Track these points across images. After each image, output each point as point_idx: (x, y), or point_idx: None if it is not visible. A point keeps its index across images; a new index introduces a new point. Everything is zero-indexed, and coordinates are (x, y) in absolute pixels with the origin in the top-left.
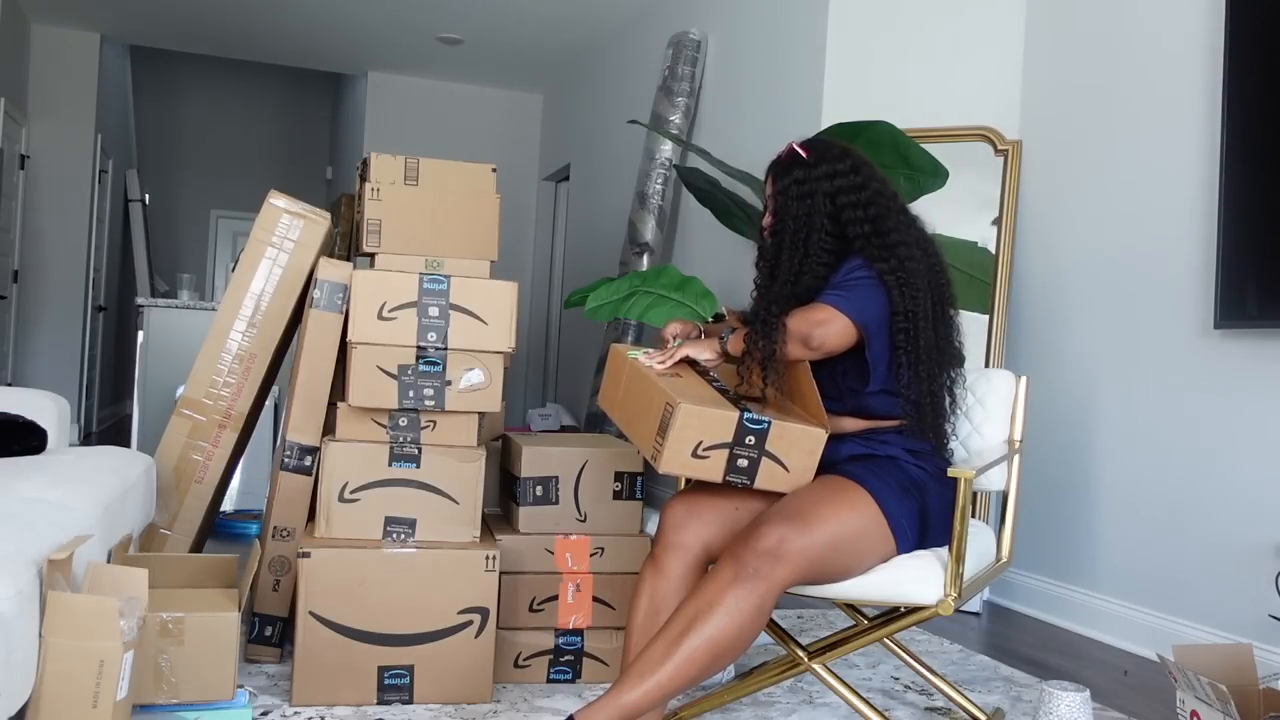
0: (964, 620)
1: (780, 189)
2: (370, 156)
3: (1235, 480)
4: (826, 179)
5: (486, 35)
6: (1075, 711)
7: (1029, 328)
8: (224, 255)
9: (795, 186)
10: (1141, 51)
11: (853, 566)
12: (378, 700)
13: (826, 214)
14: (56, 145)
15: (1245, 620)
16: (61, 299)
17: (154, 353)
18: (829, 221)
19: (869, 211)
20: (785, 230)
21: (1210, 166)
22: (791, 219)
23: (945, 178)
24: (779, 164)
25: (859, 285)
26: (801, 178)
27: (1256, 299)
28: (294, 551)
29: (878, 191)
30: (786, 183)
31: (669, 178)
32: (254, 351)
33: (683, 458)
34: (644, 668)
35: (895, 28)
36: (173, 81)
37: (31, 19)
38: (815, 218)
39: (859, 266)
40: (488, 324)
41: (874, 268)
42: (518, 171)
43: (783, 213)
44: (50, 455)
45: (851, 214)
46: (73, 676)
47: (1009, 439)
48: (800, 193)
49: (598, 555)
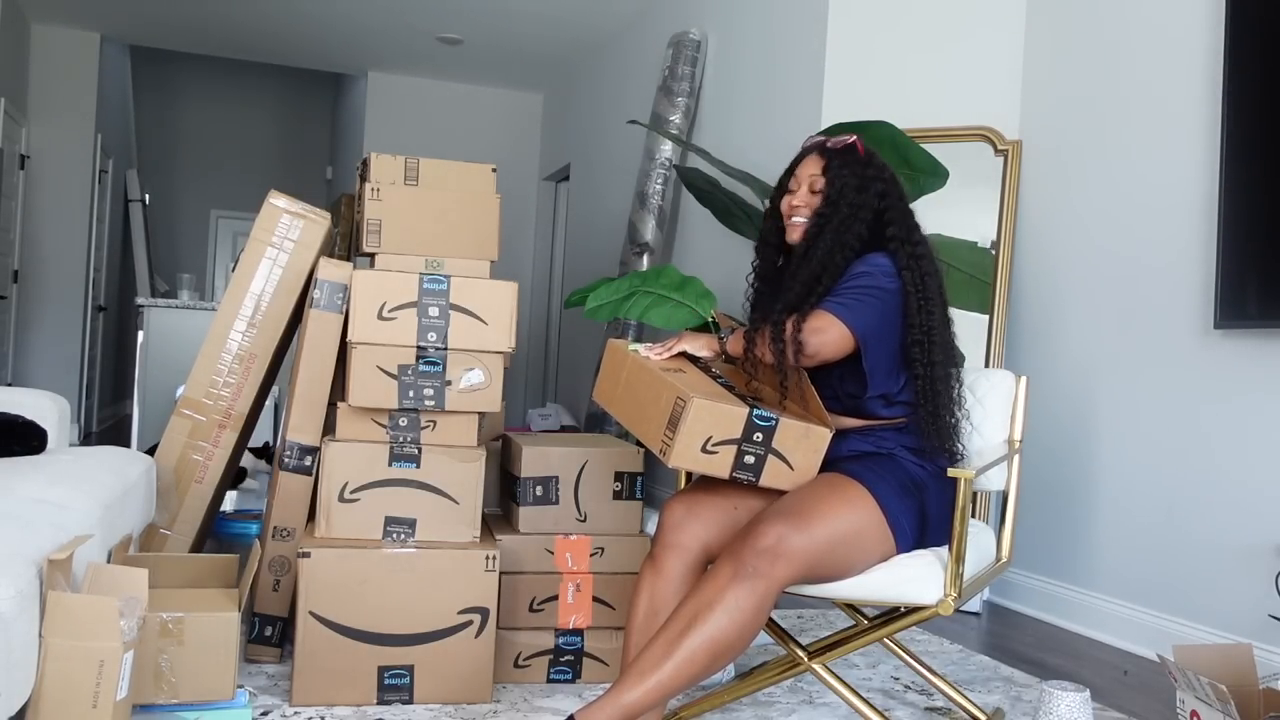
0: (964, 620)
1: (837, 174)
2: (370, 156)
3: (1235, 480)
4: (879, 181)
5: (486, 35)
6: (1075, 711)
7: (1029, 328)
8: (224, 255)
9: (854, 179)
10: (1142, 51)
11: (852, 565)
12: (378, 700)
13: (873, 210)
14: (56, 145)
15: (1245, 620)
16: (61, 299)
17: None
18: (870, 219)
19: (906, 220)
20: (836, 214)
21: (1210, 166)
22: (846, 205)
23: (945, 178)
24: (836, 150)
25: (865, 294)
26: (860, 173)
27: (1256, 299)
28: (294, 551)
29: (909, 208)
30: (845, 172)
31: (669, 178)
32: (254, 351)
33: (692, 453)
34: (644, 667)
35: (895, 28)
36: (173, 81)
37: (31, 19)
38: (864, 211)
39: (878, 273)
40: (488, 324)
41: (900, 275)
42: (518, 171)
43: (838, 198)
44: (50, 455)
45: (893, 218)
46: (73, 676)
47: (1009, 439)
48: (858, 185)
49: (598, 555)
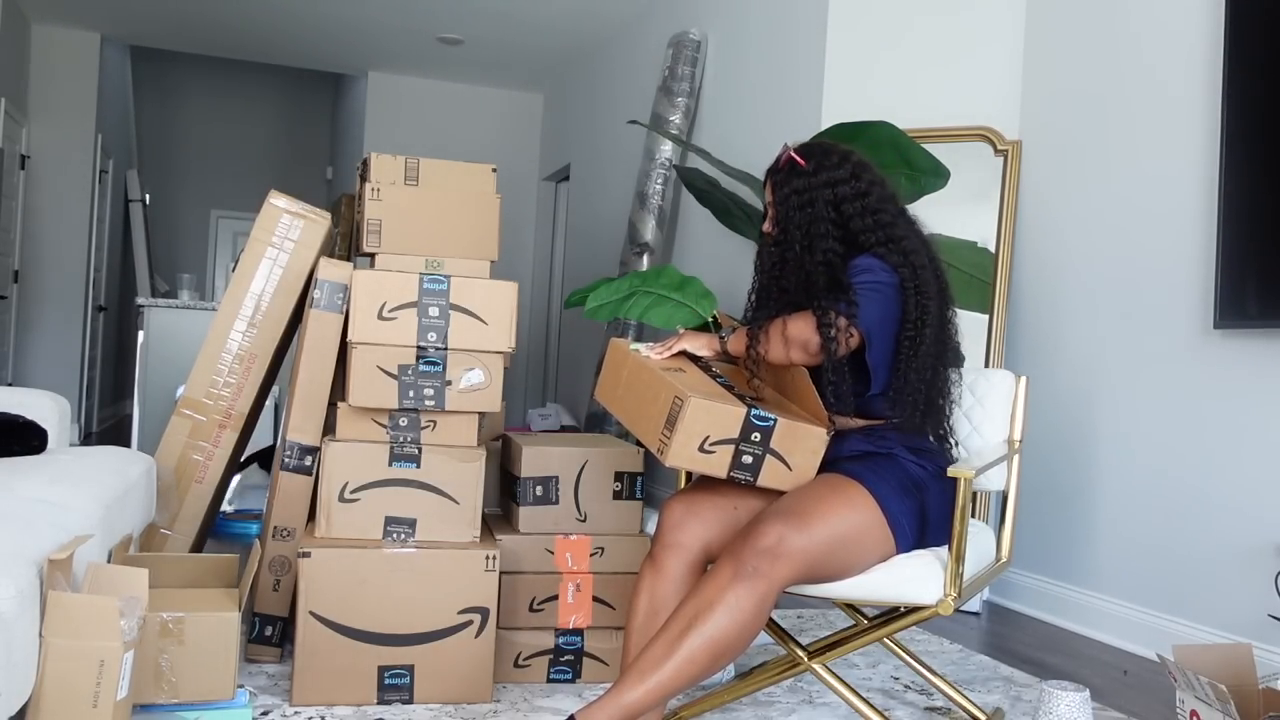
0: (964, 620)
1: (780, 199)
2: (370, 156)
3: (1235, 480)
4: (827, 187)
5: (486, 35)
6: (1075, 711)
7: (1029, 328)
8: (224, 255)
9: (795, 196)
10: (1141, 52)
11: (852, 565)
12: (378, 700)
13: (831, 220)
14: (56, 145)
15: (1245, 620)
16: (61, 299)
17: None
18: (834, 227)
19: (877, 218)
20: (791, 240)
21: (1210, 166)
22: (795, 227)
23: (946, 178)
24: (777, 172)
25: (864, 290)
26: (801, 187)
27: (1256, 299)
28: (294, 551)
29: (880, 195)
30: (786, 193)
31: (669, 178)
32: (254, 351)
33: (689, 452)
34: (644, 667)
35: (895, 28)
36: (173, 81)
37: (31, 19)
38: (819, 224)
39: (876, 268)
40: (488, 324)
41: (896, 273)
42: (518, 171)
43: (785, 222)
44: (50, 455)
45: (859, 221)
46: (73, 676)
47: (1009, 439)
48: (801, 202)
49: (598, 555)
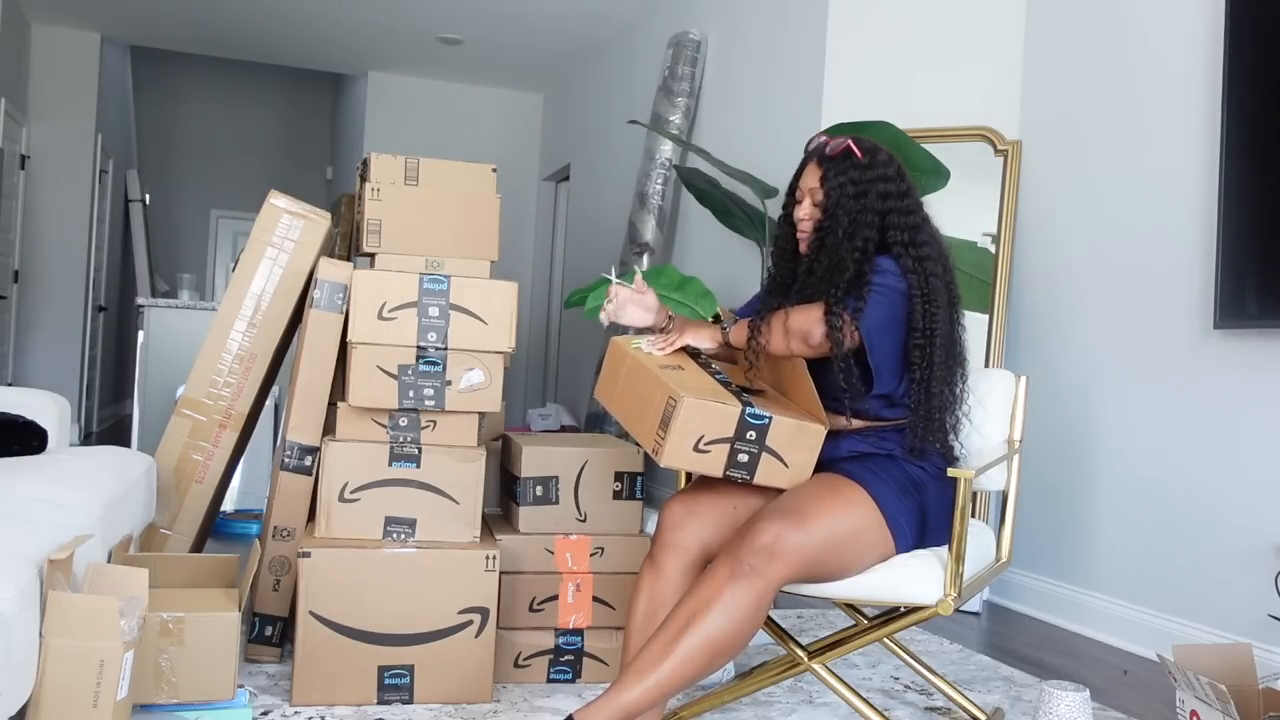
0: (964, 620)
1: (834, 185)
2: (370, 156)
3: (1235, 480)
4: (880, 182)
5: (486, 35)
6: (1075, 711)
7: (1029, 328)
8: (224, 255)
9: (851, 186)
10: (1141, 52)
11: (850, 565)
12: (378, 700)
13: (877, 212)
14: (56, 145)
15: (1245, 620)
16: (61, 299)
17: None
18: (876, 223)
19: (909, 220)
20: (837, 224)
21: (1210, 166)
22: (845, 214)
23: (947, 178)
24: (831, 158)
25: (873, 291)
26: (857, 178)
27: (1256, 299)
28: (294, 551)
29: (914, 202)
30: (842, 180)
31: (669, 178)
32: (254, 351)
33: (684, 452)
34: (643, 666)
35: (895, 28)
36: (173, 81)
37: (31, 19)
38: (866, 214)
39: (889, 271)
40: (488, 324)
41: (906, 278)
42: (518, 171)
43: (836, 209)
44: (50, 455)
45: (896, 220)
46: (73, 676)
47: (1009, 439)
48: (856, 192)
49: (598, 555)
